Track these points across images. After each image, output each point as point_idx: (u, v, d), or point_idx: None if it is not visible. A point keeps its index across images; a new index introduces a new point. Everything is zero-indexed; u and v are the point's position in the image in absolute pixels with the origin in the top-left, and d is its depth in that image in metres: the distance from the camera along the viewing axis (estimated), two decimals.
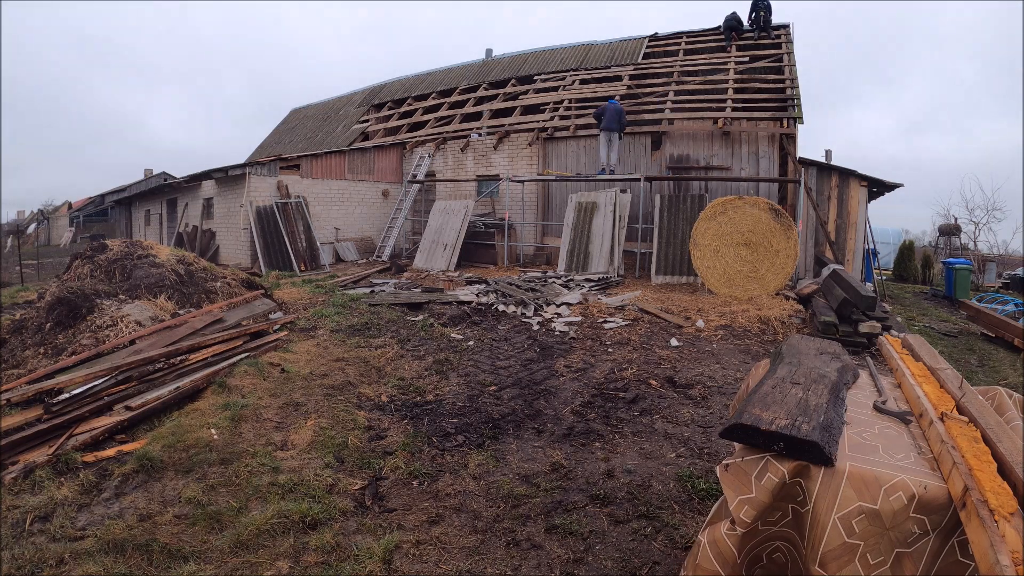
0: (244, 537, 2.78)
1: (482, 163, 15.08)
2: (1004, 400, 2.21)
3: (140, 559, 2.63)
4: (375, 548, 2.71)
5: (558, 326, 7.29)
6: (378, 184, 16.08)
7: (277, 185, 13.76)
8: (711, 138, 12.22)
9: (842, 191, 11.28)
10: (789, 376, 2.28)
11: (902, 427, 2.04)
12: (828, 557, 1.68)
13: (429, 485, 3.40)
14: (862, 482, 1.67)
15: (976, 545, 1.42)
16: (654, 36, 16.67)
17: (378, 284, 10.68)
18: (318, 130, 22.31)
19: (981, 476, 1.57)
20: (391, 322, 7.32)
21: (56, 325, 5.76)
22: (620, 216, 11.21)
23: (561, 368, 5.67)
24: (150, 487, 3.31)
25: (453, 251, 12.78)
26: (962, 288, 12.88)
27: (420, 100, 19.48)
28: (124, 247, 7.60)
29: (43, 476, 3.34)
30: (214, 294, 7.34)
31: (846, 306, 6.93)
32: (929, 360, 2.72)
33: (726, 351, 6.36)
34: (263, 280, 10.18)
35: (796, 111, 11.64)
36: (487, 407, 4.65)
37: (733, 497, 1.81)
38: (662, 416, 4.50)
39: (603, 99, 14.41)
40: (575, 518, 3.04)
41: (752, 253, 8.89)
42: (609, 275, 10.53)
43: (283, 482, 3.31)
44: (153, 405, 4.27)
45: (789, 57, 13.45)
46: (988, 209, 20.58)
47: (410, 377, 5.38)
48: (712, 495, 3.26)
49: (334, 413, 4.39)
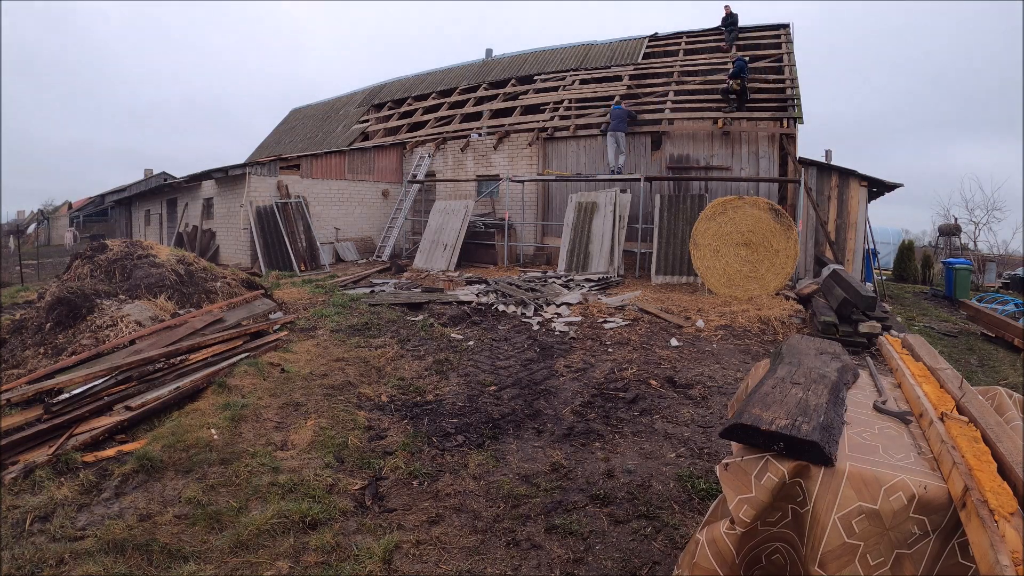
0: (244, 537, 2.78)
1: (482, 163, 15.07)
2: (1004, 400, 2.21)
3: (140, 559, 2.63)
4: (375, 548, 2.71)
5: (558, 326, 7.29)
6: (378, 184, 16.08)
7: (277, 185, 13.76)
8: (711, 138, 12.21)
9: (842, 191, 11.28)
10: (789, 376, 2.27)
11: (902, 427, 2.04)
12: (828, 557, 1.68)
13: (429, 485, 3.40)
14: (862, 482, 1.67)
15: (976, 545, 1.42)
16: (654, 36, 16.67)
17: (378, 284, 10.68)
18: (318, 130, 22.32)
19: (981, 476, 1.57)
20: (391, 322, 7.32)
21: (56, 325, 5.76)
22: (620, 216, 11.21)
23: (561, 368, 5.67)
24: (150, 487, 3.31)
25: (453, 251, 12.78)
26: (962, 288, 12.88)
27: (420, 100, 19.48)
28: (124, 247, 7.60)
29: (43, 476, 3.34)
30: (214, 294, 7.34)
31: (846, 306, 6.93)
32: (929, 360, 2.72)
33: (726, 351, 6.36)
34: (263, 280, 10.18)
35: (796, 111, 11.64)
36: (487, 407, 4.65)
37: (733, 496, 1.80)
38: (662, 416, 4.50)
39: (603, 99, 14.44)
40: (575, 518, 3.04)
41: (752, 253, 8.89)
42: (609, 275, 10.53)
43: (283, 482, 3.31)
44: (153, 405, 4.27)
45: (789, 57, 13.46)
46: (988, 209, 20.61)
47: (410, 377, 5.38)
48: (712, 495, 3.26)
49: (334, 413, 4.39)
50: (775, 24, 14.90)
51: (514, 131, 14.75)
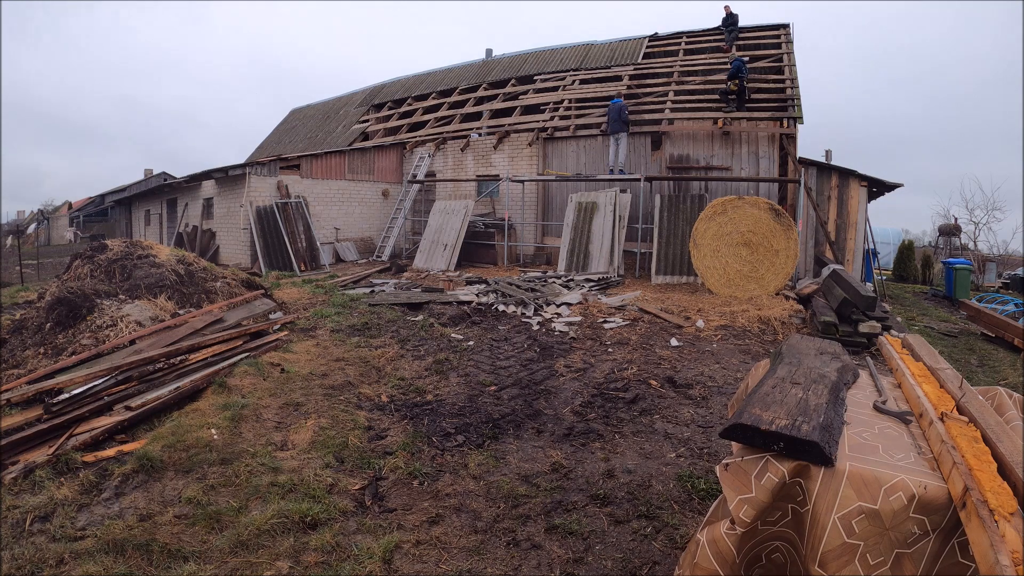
0: (244, 537, 2.78)
1: (482, 163, 15.07)
2: (1004, 400, 2.21)
3: (140, 559, 2.63)
4: (375, 548, 2.71)
5: (558, 326, 7.29)
6: (378, 184, 16.07)
7: (277, 185, 13.76)
8: (711, 138, 12.22)
9: (842, 191, 11.29)
10: (789, 376, 2.28)
11: (902, 427, 2.04)
12: (828, 557, 1.68)
13: (429, 485, 3.40)
14: (862, 482, 1.67)
15: (976, 545, 1.42)
16: (654, 36, 16.67)
17: (378, 284, 10.68)
18: (318, 130, 22.32)
19: (981, 476, 1.57)
20: (391, 322, 7.32)
21: (56, 325, 5.76)
22: (620, 216, 11.21)
23: (561, 368, 5.67)
24: (150, 487, 3.31)
25: (453, 251, 12.78)
26: (962, 288, 12.88)
27: (420, 100, 19.48)
28: (124, 247, 7.59)
29: (43, 476, 3.34)
30: (214, 294, 7.34)
31: (846, 306, 6.93)
32: (929, 360, 2.72)
33: (726, 351, 6.36)
34: (263, 280, 10.18)
35: (796, 111, 11.64)
36: (487, 407, 4.65)
37: (733, 497, 1.80)
38: (662, 416, 4.50)
39: (603, 99, 14.44)
40: (575, 518, 3.04)
41: (752, 253, 8.89)
42: (609, 275, 10.53)
43: (283, 482, 3.31)
44: (153, 405, 4.27)
45: (789, 57, 13.46)
46: (988, 209, 20.61)
47: (410, 377, 5.38)
48: (712, 495, 3.26)
49: (334, 413, 4.39)
50: (775, 24, 14.91)
51: (514, 131, 14.75)
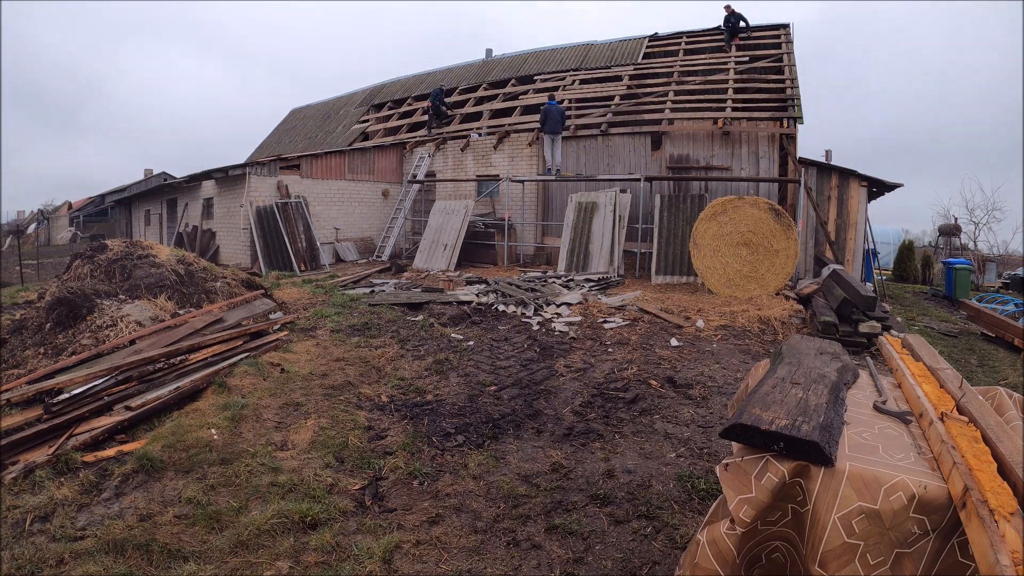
0: (244, 537, 2.78)
1: (482, 163, 15.07)
2: (1004, 400, 2.21)
3: (140, 559, 2.63)
4: (375, 548, 2.71)
5: (558, 326, 7.29)
6: (378, 184, 16.07)
7: (277, 185, 13.76)
8: (711, 138, 12.22)
9: (842, 191, 11.28)
10: (789, 376, 2.28)
11: (902, 427, 2.04)
12: (828, 557, 1.68)
13: (429, 485, 3.40)
14: (862, 482, 1.67)
15: (976, 545, 1.42)
16: (654, 36, 16.68)
17: (378, 284, 10.68)
18: (318, 130, 22.32)
19: (981, 476, 1.57)
20: (391, 322, 7.32)
21: (56, 325, 5.76)
22: (620, 216, 11.21)
23: (561, 368, 5.67)
24: (150, 487, 3.31)
25: (453, 251, 12.78)
26: (962, 288, 12.88)
27: (420, 100, 19.47)
28: (124, 247, 7.59)
29: (43, 476, 3.34)
30: (214, 294, 7.34)
31: (846, 306, 6.93)
32: (929, 360, 2.72)
33: (726, 351, 6.36)
34: (263, 280, 10.18)
35: (796, 111, 11.64)
36: (487, 407, 4.65)
37: (733, 497, 1.80)
38: (662, 416, 4.50)
39: (603, 99, 14.45)
40: (575, 518, 3.04)
41: (752, 253, 8.89)
42: (609, 275, 10.52)
43: (283, 482, 3.31)
44: (153, 405, 4.27)
45: (789, 57, 13.46)
46: (988, 209, 20.60)
47: (410, 377, 5.38)
48: (712, 495, 3.26)
49: (334, 413, 4.39)
50: (775, 24, 14.91)
51: (514, 131, 14.75)
